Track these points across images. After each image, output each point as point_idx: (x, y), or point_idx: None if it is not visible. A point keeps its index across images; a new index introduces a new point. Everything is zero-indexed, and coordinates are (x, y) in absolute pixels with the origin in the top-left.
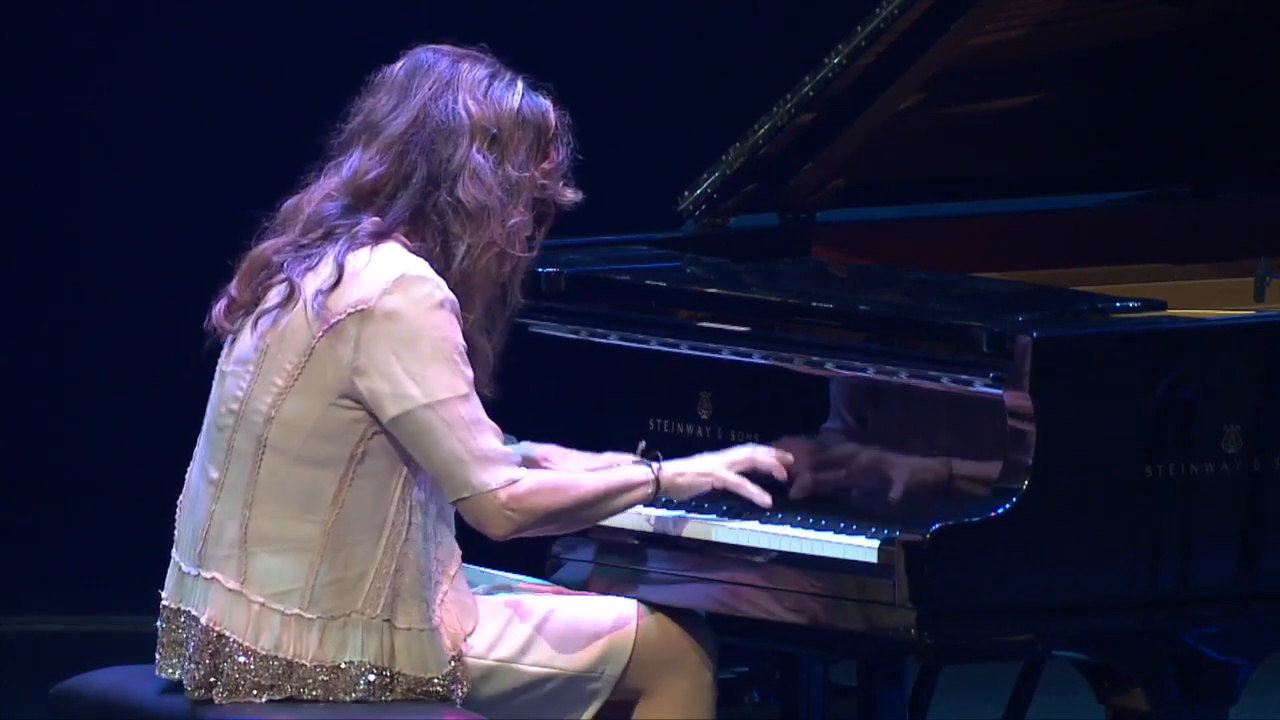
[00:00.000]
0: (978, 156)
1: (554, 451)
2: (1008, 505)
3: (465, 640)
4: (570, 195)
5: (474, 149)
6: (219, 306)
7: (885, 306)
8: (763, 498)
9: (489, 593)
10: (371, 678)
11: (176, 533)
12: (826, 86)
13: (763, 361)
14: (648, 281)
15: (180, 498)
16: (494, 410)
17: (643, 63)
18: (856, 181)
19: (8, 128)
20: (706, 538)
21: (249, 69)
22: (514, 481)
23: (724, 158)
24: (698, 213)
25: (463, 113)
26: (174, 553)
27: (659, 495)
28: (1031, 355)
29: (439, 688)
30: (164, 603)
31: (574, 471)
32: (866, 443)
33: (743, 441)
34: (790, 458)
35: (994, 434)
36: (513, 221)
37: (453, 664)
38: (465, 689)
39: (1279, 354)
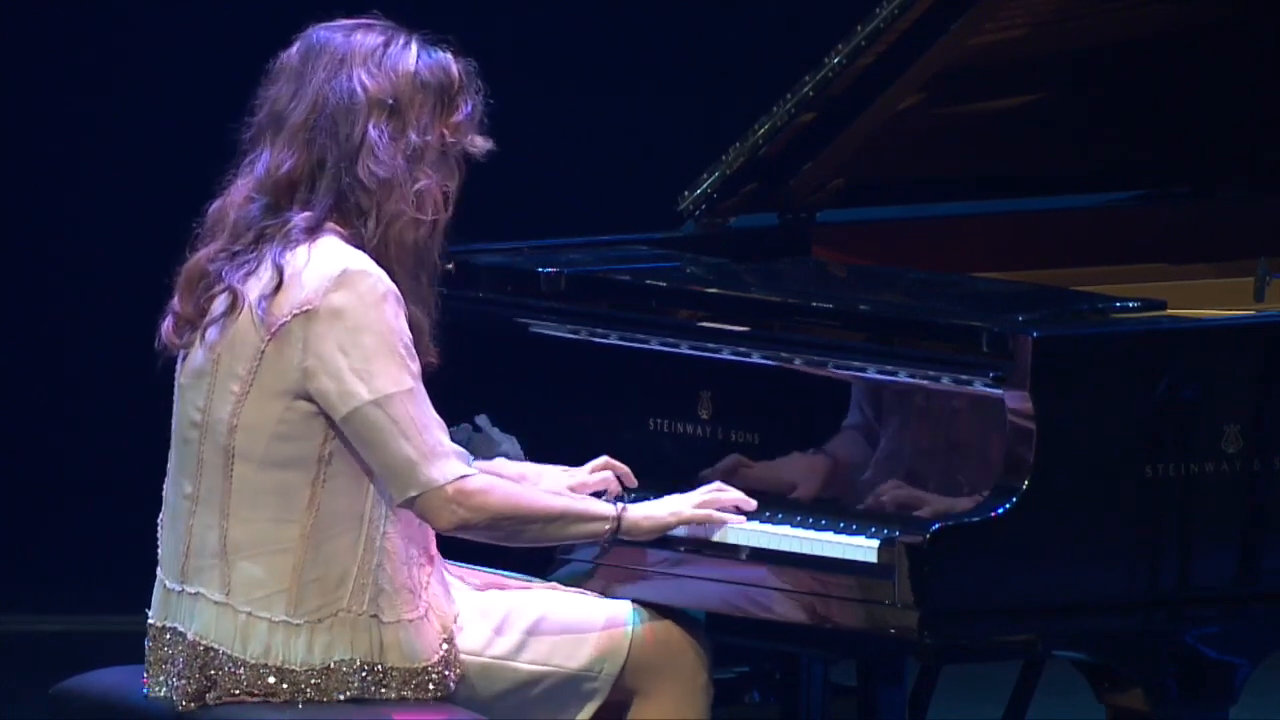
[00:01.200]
0: (978, 156)
1: (528, 469)
2: (1008, 505)
3: (455, 621)
4: (481, 144)
5: (369, 124)
6: (166, 324)
7: (885, 306)
8: (727, 522)
9: (485, 589)
10: (364, 674)
11: (160, 551)
12: (826, 86)
13: (763, 361)
14: (648, 281)
15: (160, 516)
16: (494, 410)
17: (643, 62)
18: (856, 181)
19: (7, 128)
20: (707, 537)
21: (249, 68)
22: (464, 477)
23: (724, 158)
24: (698, 212)
25: (358, 89)
26: (159, 571)
27: (618, 534)
28: (1032, 355)
29: (434, 675)
30: (150, 621)
31: (536, 488)
32: (866, 442)
33: (743, 441)
34: (753, 505)
35: (994, 434)
36: (419, 185)
37: (444, 647)
38: (459, 671)
39: (1279, 354)
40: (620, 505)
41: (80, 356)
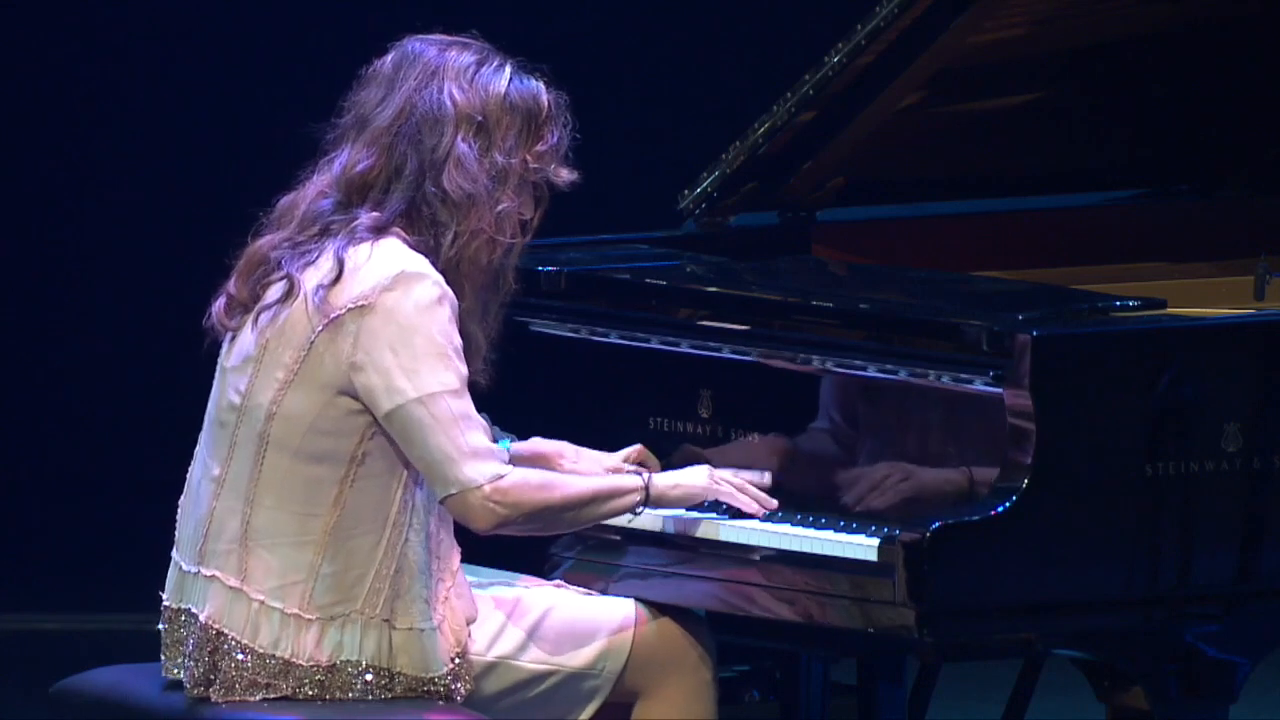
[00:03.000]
0: (978, 155)
1: (566, 448)
2: (1007, 504)
3: (469, 636)
4: (566, 175)
5: (459, 138)
6: (218, 304)
7: (885, 305)
8: (754, 508)
9: (487, 589)
10: (369, 677)
11: (177, 533)
12: (827, 85)
13: (763, 360)
14: (648, 280)
15: (181, 498)
16: (494, 409)
17: (643, 63)
18: (856, 180)
19: (7, 128)
20: (707, 536)
21: (250, 67)
22: (500, 476)
23: (724, 156)
24: (698, 211)
25: (448, 102)
26: (174, 553)
27: (647, 504)
28: (1031, 354)
29: (440, 686)
30: (165, 603)
31: (565, 474)
32: (866, 441)
33: (743, 440)
34: (774, 504)
35: (994, 432)
36: (501, 207)
37: (455, 662)
38: (468, 686)
39: (1279, 353)
40: (647, 475)
41: (80, 356)
